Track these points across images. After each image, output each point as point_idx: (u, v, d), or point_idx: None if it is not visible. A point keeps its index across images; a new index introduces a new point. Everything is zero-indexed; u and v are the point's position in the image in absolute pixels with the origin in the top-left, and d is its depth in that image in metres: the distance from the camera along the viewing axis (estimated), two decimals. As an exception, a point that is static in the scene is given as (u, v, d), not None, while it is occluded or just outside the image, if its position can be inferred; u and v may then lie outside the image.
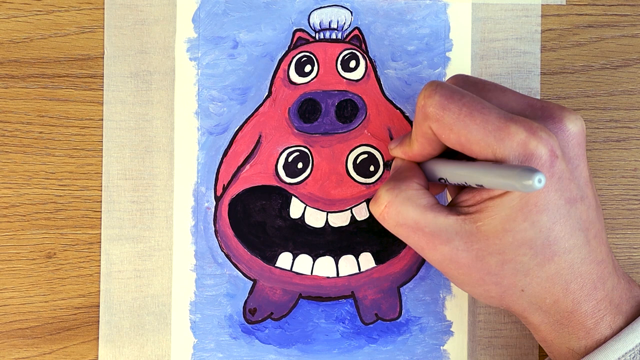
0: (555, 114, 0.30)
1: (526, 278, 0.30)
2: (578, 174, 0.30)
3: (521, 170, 0.26)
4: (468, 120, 0.28)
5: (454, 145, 0.29)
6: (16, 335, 0.37)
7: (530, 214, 0.28)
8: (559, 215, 0.29)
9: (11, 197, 0.37)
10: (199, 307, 0.37)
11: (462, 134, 0.28)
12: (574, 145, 0.30)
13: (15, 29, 0.37)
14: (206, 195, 0.37)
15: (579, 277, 0.30)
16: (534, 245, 0.29)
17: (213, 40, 0.38)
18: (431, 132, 0.30)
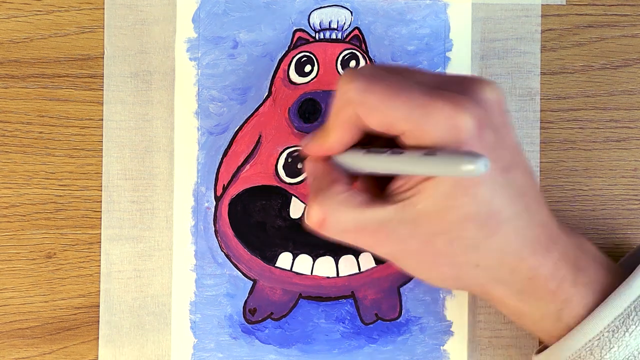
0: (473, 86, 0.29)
1: (477, 253, 0.29)
2: (507, 142, 0.29)
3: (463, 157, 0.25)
4: (393, 99, 0.28)
5: (380, 126, 0.29)
6: (16, 335, 0.37)
7: (469, 188, 0.28)
8: (497, 185, 0.28)
9: (11, 197, 0.37)
10: (199, 307, 0.37)
11: (388, 113, 0.28)
12: (498, 114, 0.29)
13: (15, 29, 0.37)
14: (206, 195, 0.37)
15: (528, 242, 0.30)
16: (478, 218, 0.28)
17: (213, 40, 0.38)
18: (354, 117, 0.29)
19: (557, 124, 0.38)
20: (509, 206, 0.29)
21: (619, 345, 0.29)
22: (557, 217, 0.37)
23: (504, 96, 0.30)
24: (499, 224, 0.29)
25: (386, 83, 0.28)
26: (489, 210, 0.28)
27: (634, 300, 0.30)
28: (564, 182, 0.38)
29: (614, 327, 0.30)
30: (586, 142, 0.38)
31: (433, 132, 0.27)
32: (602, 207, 0.38)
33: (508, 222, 0.29)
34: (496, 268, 0.30)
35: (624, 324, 0.30)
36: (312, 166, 0.32)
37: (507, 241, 0.29)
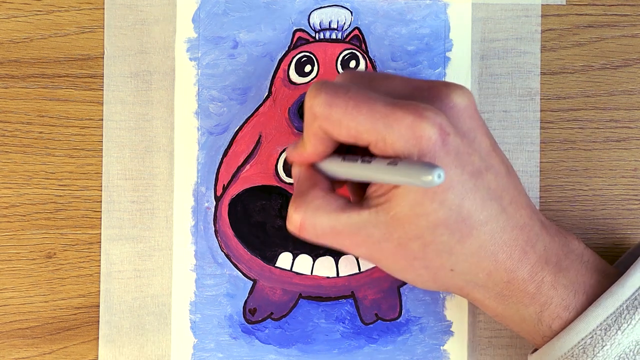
0: (441, 92, 0.30)
1: (451, 257, 0.29)
2: (477, 146, 0.29)
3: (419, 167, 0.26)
4: (355, 112, 0.28)
5: (346, 139, 0.29)
6: (16, 335, 0.37)
7: (436, 194, 0.28)
8: (465, 189, 0.28)
9: (11, 197, 0.37)
10: (199, 307, 0.37)
11: (352, 126, 0.28)
12: (466, 119, 0.29)
13: (15, 29, 0.37)
14: (206, 195, 0.37)
15: (504, 245, 0.30)
16: (449, 224, 0.29)
17: (213, 40, 0.38)
18: (321, 131, 0.30)
19: (557, 124, 0.38)
20: (481, 210, 0.29)
21: (612, 343, 0.30)
22: (554, 216, 0.37)
23: (473, 100, 0.30)
24: (471, 228, 0.29)
25: (349, 96, 0.29)
26: (458, 215, 0.29)
27: (627, 299, 0.30)
28: (564, 182, 0.38)
29: (606, 325, 0.30)
30: (586, 142, 0.38)
31: (396, 143, 0.28)
32: (602, 207, 0.38)
33: (481, 226, 0.29)
34: (472, 272, 0.30)
35: (616, 322, 0.30)
36: (296, 171, 0.33)
37: (481, 245, 0.29)
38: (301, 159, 0.32)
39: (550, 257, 0.31)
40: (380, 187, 0.29)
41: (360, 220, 0.29)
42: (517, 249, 0.30)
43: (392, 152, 0.28)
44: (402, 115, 0.28)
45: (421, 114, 0.28)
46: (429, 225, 0.29)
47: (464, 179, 0.28)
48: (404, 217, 0.29)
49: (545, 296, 0.30)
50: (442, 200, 0.28)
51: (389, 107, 0.28)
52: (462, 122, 0.29)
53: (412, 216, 0.28)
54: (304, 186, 0.31)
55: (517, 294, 0.31)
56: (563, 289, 0.31)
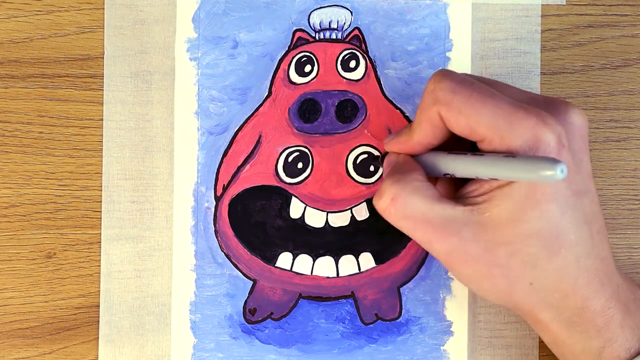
0: (559, 107, 0.30)
1: (534, 271, 0.29)
2: (582, 168, 0.30)
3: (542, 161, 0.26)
4: (478, 104, 0.28)
5: (462, 130, 0.29)
6: (16, 335, 0.37)
7: (539, 203, 0.28)
8: (567, 206, 0.29)
9: (11, 197, 0.37)
10: (199, 307, 0.37)
11: (472, 117, 0.28)
12: (578, 139, 0.30)
13: (15, 29, 0.37)
14: (206, 195, 0.37)
15: (586, 272, 0.30)
16: (542, 236, 0.29)
17: (213, 40, 0.38)
18: (438, 117, 0.29)
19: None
20: (575, 231, 0.29)
21: None
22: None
23: (586, 123, 0.30)
24: (562, 246, 0.29)
25: (474, 88, 0.29)
26: (554, 230, 0.29)
27: None
28: (564, 182, 0.38)
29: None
30: (586, 142, 0.38)
31: (514, 142, 0.28)
32: (602, 207, 0.38)
33: (570, 246, 0.29)
34: (549, 290, 0.30)
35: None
36: (393, 156, 0.32)
37: (566, 265, 0.29)
38: (404, 147, 0.32)
39: (621, 297, 0.31)
40: (481, 186, 0.29)
41: (454, 214, 0.29)
42: (596, 279, 0.30)
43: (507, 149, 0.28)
44: (526, 116, 0.28)
45: (544, 120, 0.28)
46: (523, 233, 0.29)
47: (567, 194, 0.29)
48: (499, 220, 0.29)
49: (612, 333, 0.30)
50: (543, 210, 0.28)
51: (512, 106, 0.28)
52: (575, 140, 0.30)
53: (509, 220, 0.28)
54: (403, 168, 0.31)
55: (586, 324, 0.30)
56: (629, 330, 0.31)
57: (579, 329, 0.31)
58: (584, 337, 0.31)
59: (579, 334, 0.31)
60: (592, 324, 0.30)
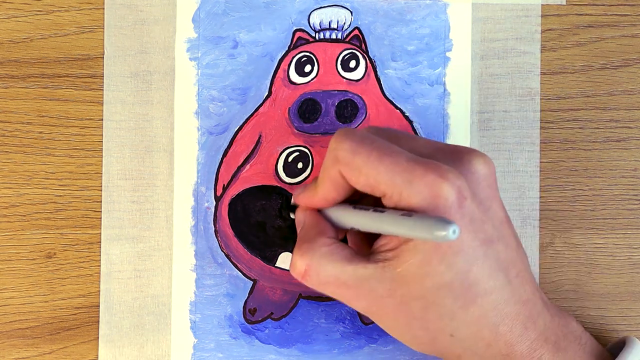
0: (464, 157, 0.30)
1: (452, 322, 0.29)
2: (492, 215, 0.30)
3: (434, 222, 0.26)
4: (377, 163, 0.28)
5: (363, 187, 0.29)
6: (16, 335, 0.37)
7: (445, 256, 0.28)
8: (475, 256, 0.28)
9: (11, 197, 0.37)
10: (199, 307, 0.37)
11: (371, 176, 0.28)
12: (485, 187, 0.30)
13: (15, 29, 0.37)
14: (206, 195, 0.37)
15: (506, 318, 0.29)
16: (454, 288, 0.28)
17: (213, 40, 0.38)
18: (340, 176, 0.30)
19: (557, 124, 0.38)
20: (488, 280, 0.29)
21: None
22: (554, 216, 0.37)
23: (493, 170, 0.30)
24: (476, 296, 0.29)
25: (374, 146, 0.29)
26: (465, 281, 0.28)
27: None
28: (564, 182, 0.38)
29: None
30: (586, 142, 0.38)
31: (413, 198, 0.28)
32: (602, 207, 0.38)
33: (485, 295, 0.29)
34: (471, 340, 0.30)
35: None
36: (301, 216, 0.33)
37: (484, 314, 0.29)
38: (310, 202, 0.32)
39: (549, 336, 0.31)
40: (390, 242, 0.29)
41: (366, 273, 0.29)
42: (519, 323, 0.30)
43: (407, 206, 0.28)
44: (423, 172, 0.28)
45: (442, 174, 0.28)
46: (434, 287, 0.28)
47: (475, 245, 0.28)
48: (410, 275, 0.28)
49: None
50: (450, 263, 0.28)
51: (410, 162, 0.28)
52: (481, 189, 0.29)
53: (418, 275, 0.28)
54: (310, 232, 0.31)
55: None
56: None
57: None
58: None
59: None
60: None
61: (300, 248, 0.31)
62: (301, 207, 0.33)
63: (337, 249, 0.30)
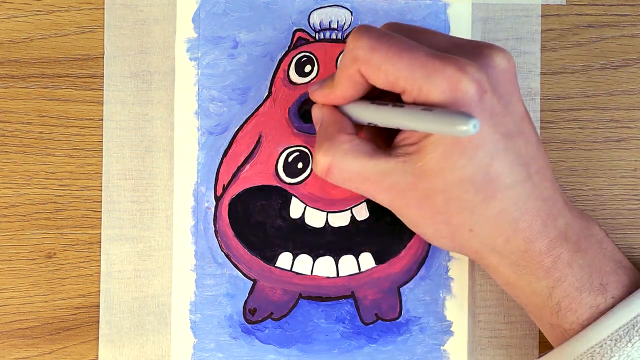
0: (483, 52, 0.29)
1: (472, 216, 0.29)
2: (512, 109, 0.29)
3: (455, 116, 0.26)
4: (396, 59, 0.28)
5: (383, 84, 0.29)
6: (16, 335, 0.37)
7: (466, 150, 0.28)
8: (496, 150, 0.28)
9: (11, 197, 0.37)
10: (199, 307, 0.37)
11: (390, 72, 0.28)
12: (505, 81, 0.29)
13: (15, 29, 0.37)
14: (206, 195, 0.37)
15: (526, 214, 0.29)
16: (475, 181, 0.29)
17: (213, 40, 0.38)
18: (358, 74, 0.30)
19: (557, 124, 0.38)
20: (509, 174, 0.29)
21: (620, 355, 0.29)
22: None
23: (513, 64, 0.30)
24: (496, 190, 0.29)
25: (392, 42, 0.29)
26: (486, 175, 0.28)
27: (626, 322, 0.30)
28: (564, 182, 0.38)
29: (617, 336, 0.30)
30: (586, 142, 0.38)
31: (432, 93, 0.28)
32: (602, 207, 0.38)
33: (506, 189, 0.29)
34: (491, 235, 0.30)
35: (627, 334, 0.29)
36: (319, 113, 0.33)
37: (504, 209, 0.29)
38: (327, 99, 0.32)
39: (570, 235, 0.30)
40: (410, 136, 0.29)
41: (387, 167, 0.30)
42: (538, 220, 0.30)
43: (427, 101, 0.28)
44: (442, 66, 0.28)
45: (461, 68, 0.28)
46: (455, 180, 0.29)
47: (495, 138, 0.28)
48: (431, 169, 0.29)
49: (560, 272, 0.30)
50: (471, 156, 0.28)
51: (429, 57, 0.28)
52: (501, 84, 0.29)
53: (440, 169, 0.28)
54: (330, 129, 0.31)
55: (532, 266, 0.30)
56: (579, 269, 0.30)
57: (526, 271, 0.31)
58: (532, 278, 0.31)
59: (527, 276, 0.31)
60: (538, 265, 0.30)
61: (322, 145, 0.31)
62: (318, 104, 0.33)
63: (358, 145, 0.30)
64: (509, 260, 0.31)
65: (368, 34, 0.29)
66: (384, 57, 0.28)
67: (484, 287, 0.37)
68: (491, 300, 0.37)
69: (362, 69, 0.29)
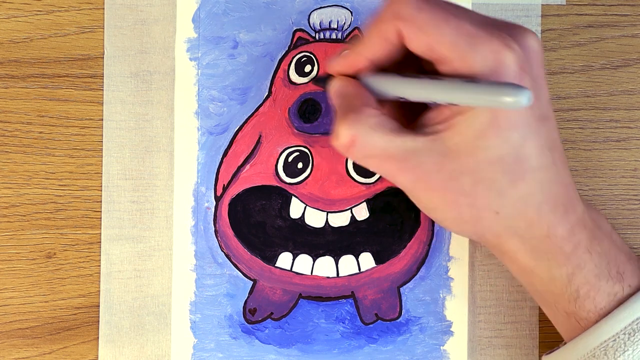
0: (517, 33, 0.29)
1: (499, 198, 0.29)
2: (542, 93, 0.29)
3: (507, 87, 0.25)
4: (442, 23, 0.27)
5: (422, 49, 0.28)
6: (16, 335, 0.37)
7: (502, 130, 0.28)
8: (530, 131, 0.28)
9: (11, 197, 0.37)
10: (199, 307, 0.37)
11: (434, 36, 0.27)
12: (537, 64, 0.29)
13: (16, 29, 0.37)
14: (206, 195, 0.37)
15: (550, 198, 0.29)
16: (506, 162, 0.28)
17: (213, 40, 0.38)
18: (395, 34, 0.28)
19: (557, 123, 0.38)
20: (538, 156, 0.29)
21: (634, 348, 0.29)
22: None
23: (542, 49, 0.30)
24: (525, 172, 0.29)
25: (439, 5, 0.28)
26: (518, 156, 0.28)
27: None
28: (564, 182, 0.38)
29: (631, 330, 0.29)
30: (586, 142, 0.38)
31: (476, 63, 0.27)
32: (602, 207, 0.38)
33: (534, 172, 0.29)
34: (515, 218, 0.30)
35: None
36: (340, 85, 0.31)
37: (530, 192, 0.29)
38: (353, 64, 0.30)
39: (587, 223, 0.31)
40: (440, 113, 0.28)
41: (415, 146, 0.29)
42: (561, 205, 0.30)
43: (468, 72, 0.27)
44: (489, 39, 0.27)
45: (507, 43, 0.27)
46: (486, 160, 0.28)
47: (530, 120, 0.28)
48: (462, 148, 0.28)
49: (580, 259, 0.30)
50: (506, 136, 0.28)
51: (476, 27, 0.27)
52: (534, 66, 0.29)
53: (472, 148, 0.28)
54: (355, 102, 0.29)
55: (553, 251, 0.30)
56: (597, 256, 0.30)
57: (546, 257, 0.30)
58: (552, 264, 0.30)
59: (546, 262, 0.30)
60: (559, 251, 0.30)
61: (346, 118, 0.29)
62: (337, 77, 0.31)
63: (385, 121, 0.29)
64: (530, 245, 0.30)
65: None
66: (430, 19, 0.27)
67: (484, 287, 0.37)
68: (491, 300, 0.37)
69: (403, 27, 0.28)
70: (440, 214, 0.31)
